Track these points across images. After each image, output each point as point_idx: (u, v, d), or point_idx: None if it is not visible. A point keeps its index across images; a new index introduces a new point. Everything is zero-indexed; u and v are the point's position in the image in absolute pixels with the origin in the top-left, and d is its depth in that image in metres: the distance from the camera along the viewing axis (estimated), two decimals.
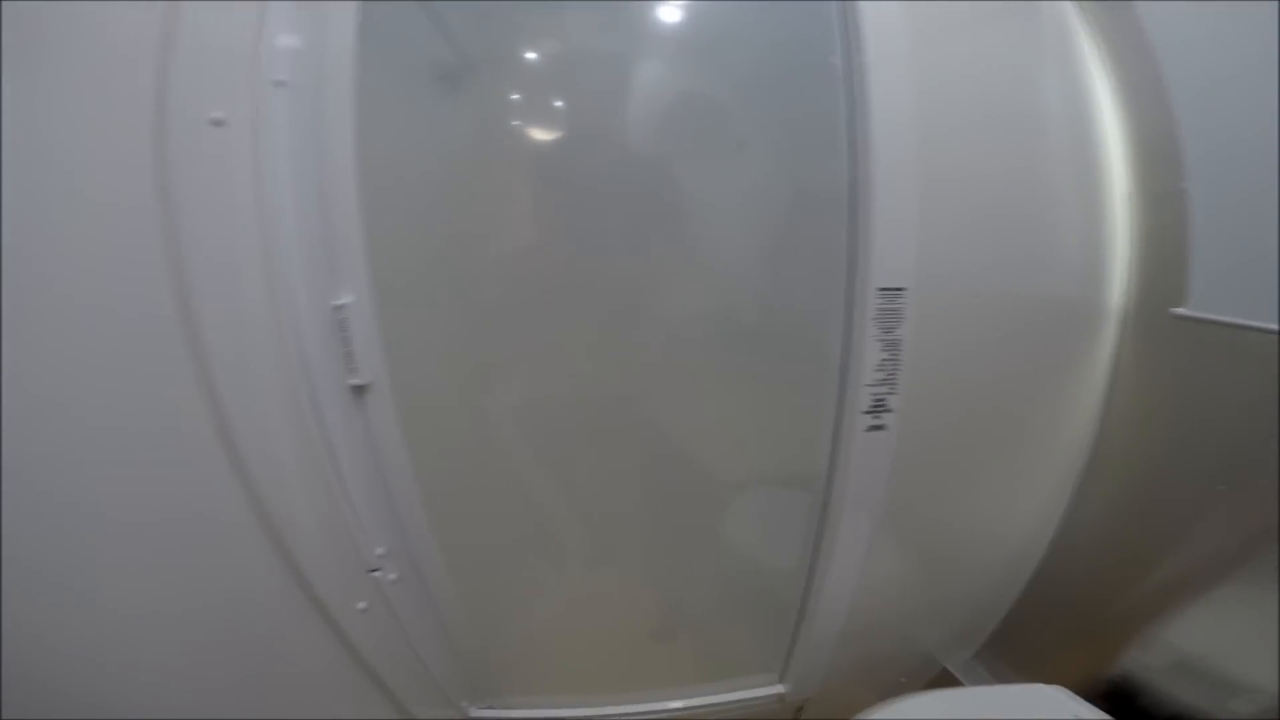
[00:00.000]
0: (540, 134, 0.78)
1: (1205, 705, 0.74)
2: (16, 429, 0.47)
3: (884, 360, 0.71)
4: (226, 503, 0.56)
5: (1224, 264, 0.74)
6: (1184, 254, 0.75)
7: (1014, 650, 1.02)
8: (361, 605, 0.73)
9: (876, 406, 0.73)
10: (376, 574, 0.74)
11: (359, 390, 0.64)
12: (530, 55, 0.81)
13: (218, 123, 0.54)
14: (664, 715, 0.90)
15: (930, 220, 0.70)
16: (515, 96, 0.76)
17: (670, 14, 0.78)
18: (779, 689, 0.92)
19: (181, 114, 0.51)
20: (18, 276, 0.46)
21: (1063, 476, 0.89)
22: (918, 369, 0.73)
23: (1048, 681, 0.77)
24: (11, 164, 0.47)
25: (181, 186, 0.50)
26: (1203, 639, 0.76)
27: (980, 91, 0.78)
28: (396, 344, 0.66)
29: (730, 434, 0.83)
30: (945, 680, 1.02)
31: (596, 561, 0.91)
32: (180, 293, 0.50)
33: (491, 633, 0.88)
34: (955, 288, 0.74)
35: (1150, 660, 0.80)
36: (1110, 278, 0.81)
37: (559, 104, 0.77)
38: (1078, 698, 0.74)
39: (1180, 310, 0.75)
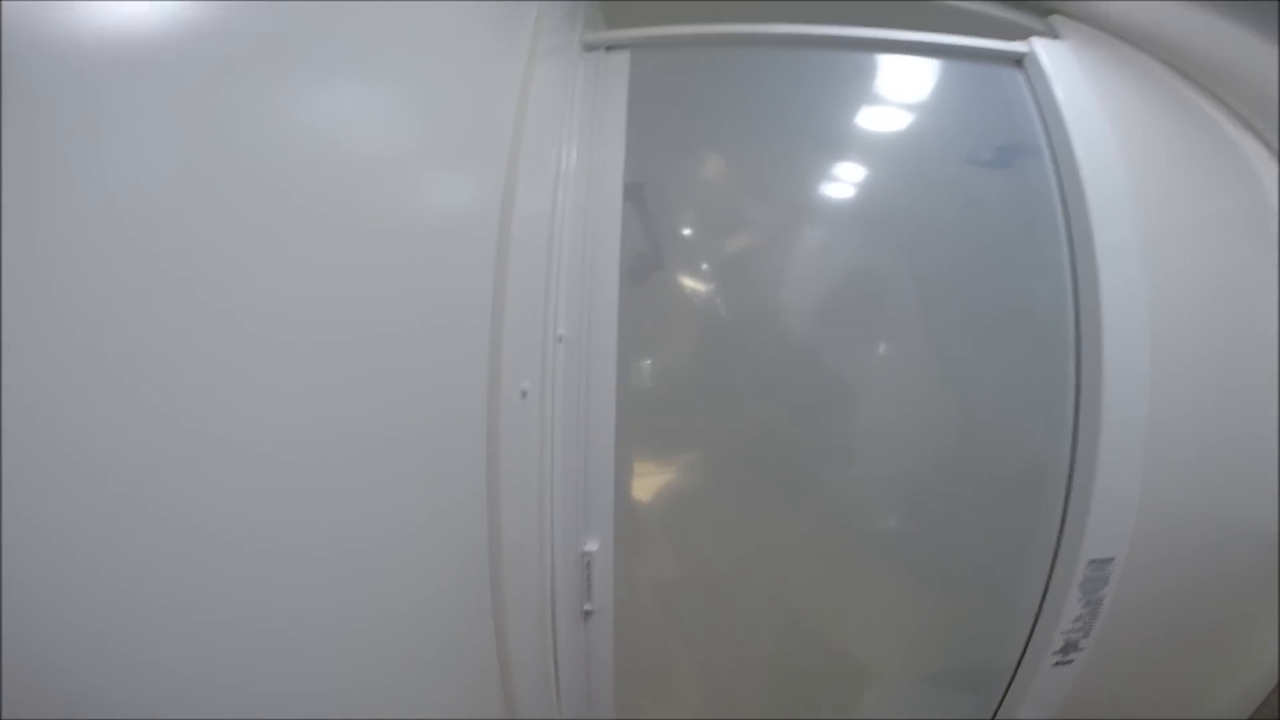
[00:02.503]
0: (734, 331, 0.84)
1: None
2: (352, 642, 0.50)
3: (1082, 614, 0.73)
4: (488, 685, 0.66)
5: None
6: None
7: None
8: None
9: (1068, 648, 0.75)
10: None
11: (588, 613, 0.73)
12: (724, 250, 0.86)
13: (524, 393, 0.64)
14: None
15: (1151, 477, 0.71)
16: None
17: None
18: None
19: (507, 385, 0.61)
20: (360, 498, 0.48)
21: (1250, 694, 0.87)
22: (1115, 615, 0.74)
23: None
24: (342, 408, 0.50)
25: (504, 445, 0.60)
26: None
27: (1209, 338, 0.77)
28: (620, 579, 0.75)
29: (899, 631, 0.87)
30: None
31: None
32: (493, 526, 0.61)
33: None
34: (1164, 544, 0.74)
35: None
36: None
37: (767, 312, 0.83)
38: None
39: None
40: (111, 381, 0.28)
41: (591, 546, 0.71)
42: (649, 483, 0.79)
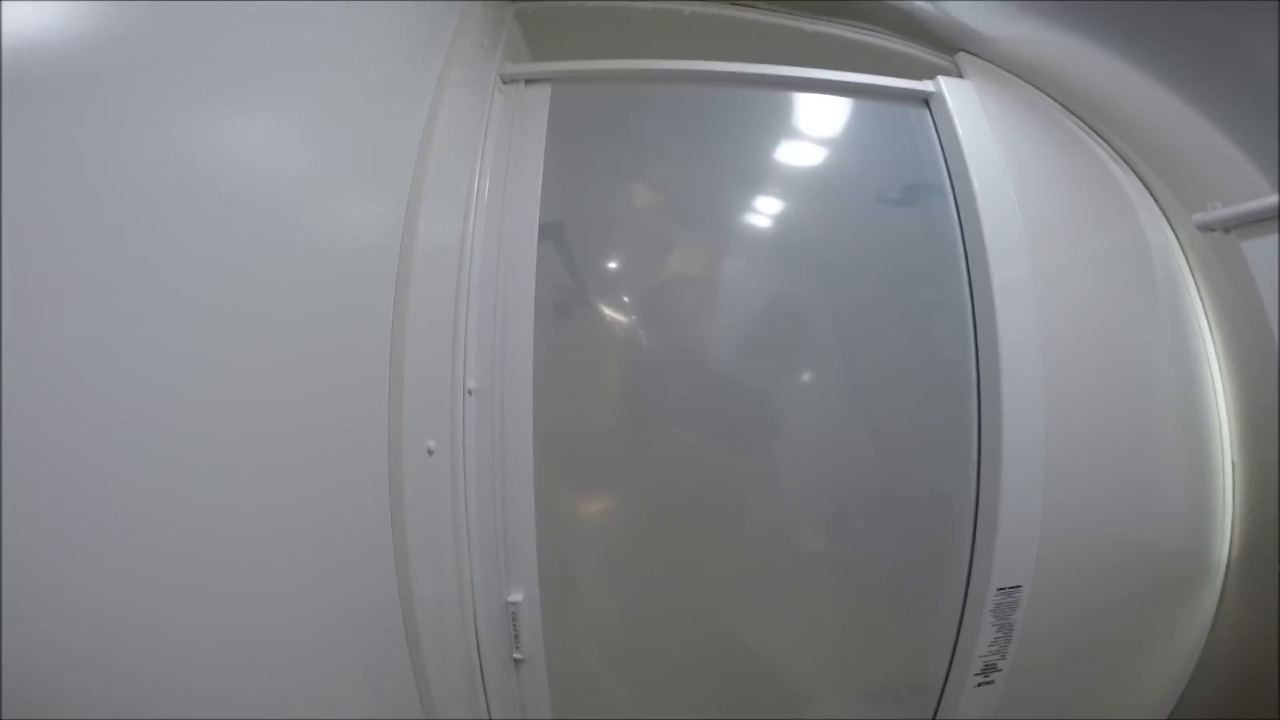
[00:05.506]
0: (651, 362, 0.84)
1: None
2: None
3: (997, 637, 0.76)
4: None
5: None
6: None
7: None
8: None
9: (987, 669, 0.78)
10: None
11: (518, 661, 0.71)
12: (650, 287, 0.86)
13: (430, 452, 0.61)
14: None
15: (1050, 508, 0.74)
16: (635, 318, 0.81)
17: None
18: None
19: (410, 444, 0.59)
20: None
21: (1161, 699, 0.92)
22: (1029, 637, 0.77)
23: None
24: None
25: (409, 507, 0.58)
26: None
27: (1099, 371, 0.81)
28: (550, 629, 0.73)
29: (833, 657, 0.88)
30: None
31: None
32: (403, 584, 0.59)
33: None
34: (1069, 568, 0.78)
35: None
36: (1212, 542, 0.84)
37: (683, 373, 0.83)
38: None
39: None
40: None
41: (516, 597, 0.69)
42: (574, 526, 0.77)
